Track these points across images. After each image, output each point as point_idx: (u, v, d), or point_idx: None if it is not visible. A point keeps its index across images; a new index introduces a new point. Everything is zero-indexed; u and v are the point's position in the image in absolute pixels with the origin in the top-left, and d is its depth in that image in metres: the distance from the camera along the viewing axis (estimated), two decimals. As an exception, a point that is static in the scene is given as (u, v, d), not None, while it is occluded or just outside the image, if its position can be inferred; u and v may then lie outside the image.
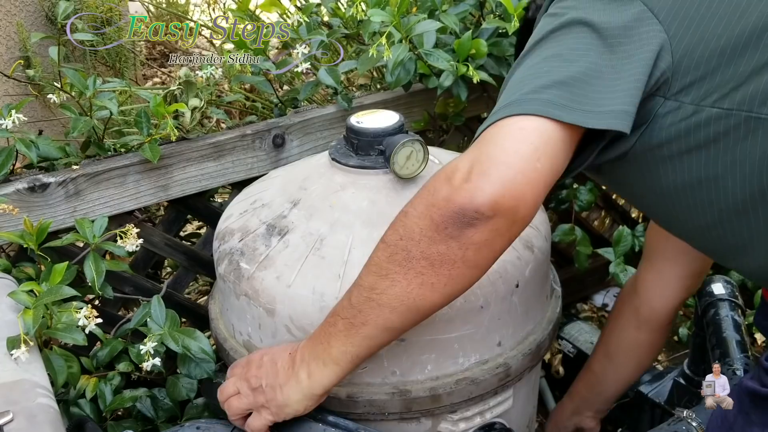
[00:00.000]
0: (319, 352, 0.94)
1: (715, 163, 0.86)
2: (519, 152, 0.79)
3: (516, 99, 0.82)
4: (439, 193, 0.81)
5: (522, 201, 0.79)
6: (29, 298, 0.99)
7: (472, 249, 0.81)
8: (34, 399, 0.88)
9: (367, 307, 0.88)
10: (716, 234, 0.93)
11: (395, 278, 0.85)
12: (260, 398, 1.00)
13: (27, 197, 1.25)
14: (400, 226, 0.86)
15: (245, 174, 1.46)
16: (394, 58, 1.30)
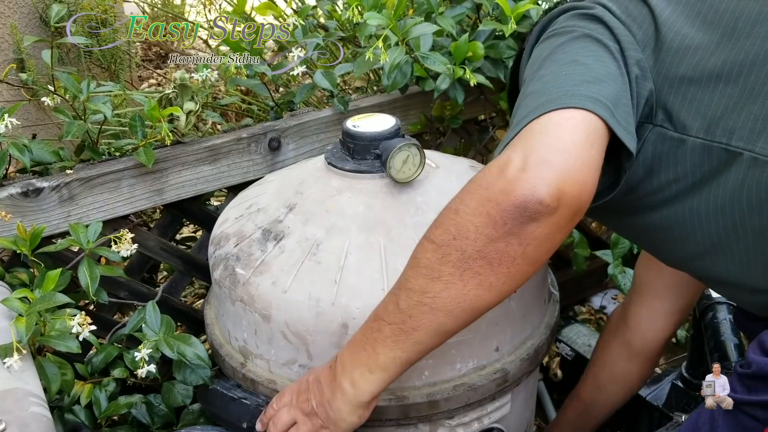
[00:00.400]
0: (363, 359, 0.90)
1: (693, 195, 0.88)
2: (573, 139, 0.76)
3: (555, 96, 0.80)
4: (494, 187, 0.75)
5: (584, 188, 0.76)
6: (22, 305, 0.98)
7: (533, 245, 0.76)
8: (27, 408, 0.87)
9: (419, 312, 0.83)
10: (700, 265, 0.95)
11: (450, 280, 0.80)
12: (316, 421, 0.96)
13: (20, 202, 1.23)
14: (452, 225, 0.79)
15: (241, 178, 1.45)
16: (390, 62, 1.29)
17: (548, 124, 0.78)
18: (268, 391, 1.11)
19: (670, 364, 1.91)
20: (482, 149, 1.72)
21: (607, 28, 0.90)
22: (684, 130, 0.87)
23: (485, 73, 1.44)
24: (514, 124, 0.84)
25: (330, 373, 0.94)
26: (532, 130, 0.78)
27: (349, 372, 0.91)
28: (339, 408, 0.93)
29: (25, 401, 0.88)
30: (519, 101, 0.88)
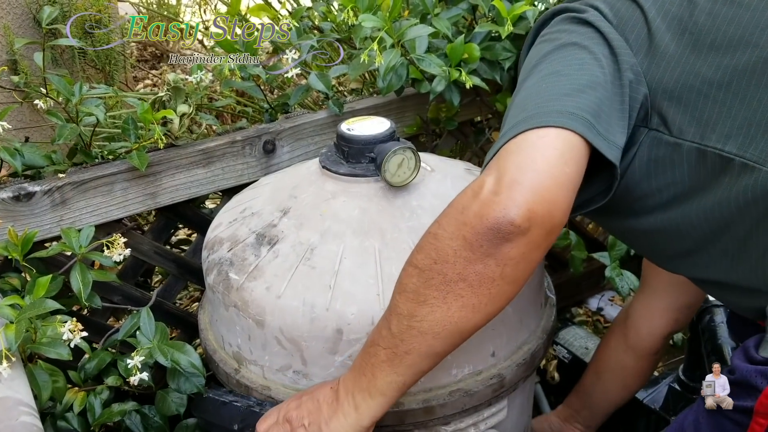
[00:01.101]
0: (364, 384, 0.91)
1: (687, 199, 0.89)
2: (546, 157, 0.77)
3: (531, 114, 0.81)
4: (468, 211, 0.78)
5: (555, 205, 0.77)
6: (12, 312, 0.97)
7: (510, 265, 0.78)
8: (17, 417, 0.85)
9: (409, 336, 0.85)
10: (689, 265, 0.95)
11: (434, 303, 0.82)
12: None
13: (12, 206, 1.22)
14: (432, 250, 0.82)
15: (235, 181, 1.43)
16: (386, 64, 1.28)
17: (522, 144, 0.79)
18: (262, 397, 1.10)
19: (667, 366, 1.91)
20: (478, 151, 1.71)
21: (598, 33, 0.90)
22: (680, 135, 0.87)
23: (481, 75, 1.43)
24: (498, 140, 0.86)
25: (332, 395, 0.95)
26: (508, 151, 0.80)
27: (352, 396, 0.92)
28: (337, 429, 0.93)
29: (15, 410, 0.86)
30: (507, 110, 0.90)
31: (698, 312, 1.44)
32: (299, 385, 1.07)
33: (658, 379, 1.56)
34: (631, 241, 1.14)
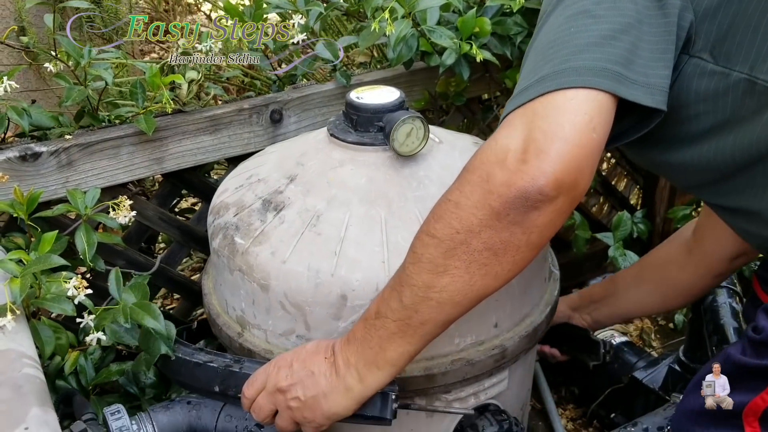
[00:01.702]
0: (370, 356, 0.89)
1: (723, 131, 0.85)
2: (575, 124, 0.75)
3: (558, 69, 0.78)
4: (495, 179, 0.76)
5: (582, 175, 0.76)
6: (17, 267, 0.97)
7: (536, 232, 0.77)
8: (20, 369, 0.86)
9: (426, 307, 0.83)
10: (715, 192, 0.93)
11: (455, 273, 0.80)
12: (306, 413, 0.94)
13: (18, 166, 1.22)
14: (454, 219, 0.79)
15: (242, 149, 1.43)
16: (396, 34, 1.27)
17: (549, 106, 0.76)
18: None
19: (666, 348, 1.91)
20: (485, 128, 1.71)
21: None
22: (727, 64, 0.83)
23: (491, 50, 1.43)
24: (518, 88, 0.81)
25: (328, 367, 0.92)
26: (534, 113, 0.77)
27: (355, 368, 0.90)
28: (337, 402, 0.92)
29: (18, 362, 0.87)
30: (528, 50, 0.85)
31: (701, 293, 1.44)
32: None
33: (658, 359, 1.56)
34: (655, 168, 1.09)
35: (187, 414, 1.09)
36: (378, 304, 0.89)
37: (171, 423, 1.08)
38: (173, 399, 1.13)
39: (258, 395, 0.97)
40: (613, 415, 1.59)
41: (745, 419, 0.82)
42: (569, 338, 1.51)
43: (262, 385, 0.96)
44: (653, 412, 1.18)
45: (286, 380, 0.94)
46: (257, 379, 0.98)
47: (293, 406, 0.93)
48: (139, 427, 1.05)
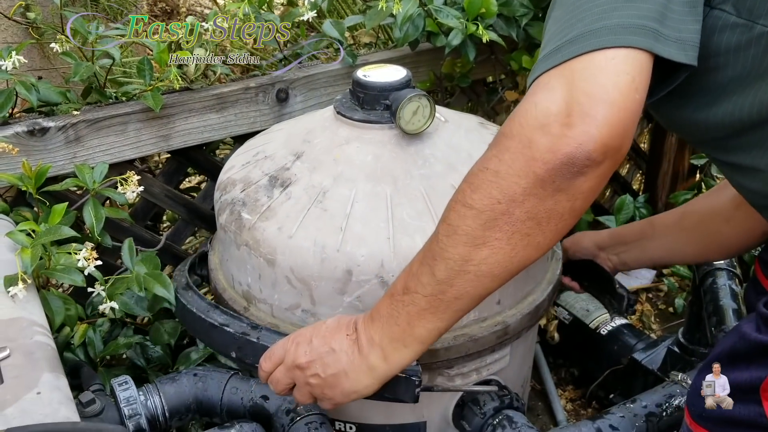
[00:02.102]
0: (396, 333, 0.85)
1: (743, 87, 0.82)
2: (618, 86, 0.72)
3: (594, 28, 0.74)
4: (538, 145, 0.72)
5: (627, 137, 0.74)
6: (27, 238, 0.98)
7: (580, 198, 0.75)
8: (31, 336, 0.87)
9: (462, 281, 0.80)
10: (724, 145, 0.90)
11: (496, 245, 0.77)
12: (326, 391, 0.91)
13: (26, 141, 1.23)
14: (494, 188, 0.75)
15: (248, 128, 1.44)
16: (403, 13, 1.28)
17: (590, 66, 0.73)
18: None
19: (666, 331, 1.93)
20: (490, 111, 1.72)
21: None
22: (750, 17, 0.80)
23: (497, 31, 1.43)
24: (547, 48, 0.78)
25: (350, 344, 0.89)
26: (573, 73, 0.74)
27: (380, 347, 0.87)
28: (359, 380, 0.89)
29: (29, 330, 0.88)
30: (551, 8, 0.82)
31: (701, 275, 1.46)
32: (307, 323, 1.09)
33: (657, 341, 1.58)
34: (668, 124, 1.05)
35: (193, 386, 1.11)
36: (406, 279, 0.85)
37: (178, 394, 1.09)
38: (180, 371, 1.14)
39: (275, 369, 0.95)
40: (612, 395, 1.61)
41: (762, 394, 0.82)
42: (594, 277, 1.44)
43: (280, 360, 0.94)
44: (652, 390, 1.19)
45: (305, 356, 0.91)
46: (275, 353, 0.95)
47: (312, 383, 0.91)
48: (146, 397, 1.07)
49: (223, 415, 1.11)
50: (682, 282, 2.03)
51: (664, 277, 2.05)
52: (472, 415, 1.13)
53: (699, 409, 0.88)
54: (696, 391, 0.89)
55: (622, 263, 1.41)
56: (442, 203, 1.07)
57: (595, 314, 1.70)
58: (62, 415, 0.78)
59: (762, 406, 0.81)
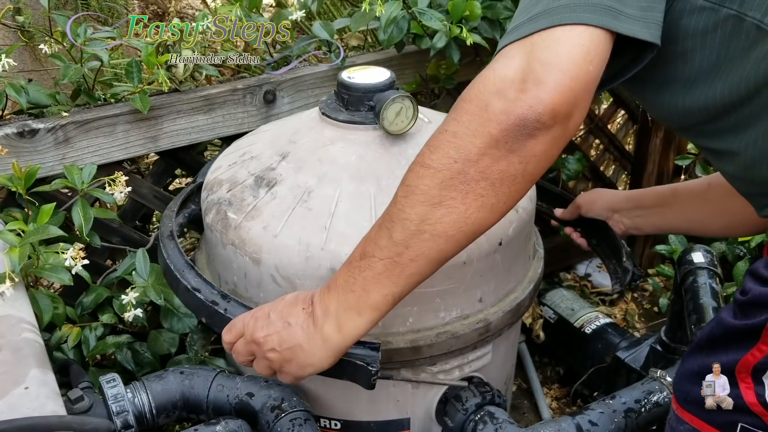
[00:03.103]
0: (351, 301, 0.86)
1: (712, 72, 0.85)
2: (572, 57, 0.76)
3: (553, 6, 0.78)
4: (494, 107, 0.77)
5: (577, 106, 0.78)
6: (15, 237, 1.00)
7: (533, 162, 0.78)
8: (20, 333, 0.89)
9: (418, 241, 0.81)
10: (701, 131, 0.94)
11: (451, 204, 0.79)
12: (284, 365, 0.93)
13: (16, 142, 1.25)
14: (451, 148, 0.79)
15: (235, 129, 1.46)
16: (387, 15, 1.30)
17: (548, 38, 0.77)
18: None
19: (649, 329, 1.96)
20: (475, 112, 1.73)
21: None
22: (716, 0, 0.82)
23: (481, 34, 1.45)
24: (513, 24, 0.82)
25: (304, 316, 0.90)
26: (532, 44, 0.78)
27: (334, 317, 0.87)
28: (313, 353, 0.89)
29: (17, 327, 0.90)
30: None
31: (682, 274, 1.48)
32: None
33: (640, 340, 1.60)
34: (650, 110, 1.09)
35: (180, 383, 1.12)
36: (364, 244, 0.86)
37: (165, 391, 1.11)
38: (167, 370, 1.15)
39: (236, 341, 0.96)
40: (596, 393, 1.63)
41: (738, 375, 0.85)
42: (604, 238, 1.43)
43: (240, 333, 0.95)
44: (631, 386, 1.21)
45: (262, 331, 0.92)
46: (235, 326, 0.96)
47: (270, 357, 0.92)
48: (134, 395, 1.08)
49: (210, 412, 1.13)
50: (666, 282, 2.06)
51: (649, 277, 2.08)
52: (454, 411, 1.15)
53: (684, 393, 0.91)
54: (682, 376, 0.92)
55: (636, 227, 1.39)
56: (425, 203, 1.10)
57: (580, 313, 1.73)
58: (49, 409, 0.80)
59: (738, 387, 0.84)
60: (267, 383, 1.14)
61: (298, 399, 1.12)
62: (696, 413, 0.89)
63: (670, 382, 1.19)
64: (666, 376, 1.21)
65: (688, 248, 1.53)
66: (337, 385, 1.15)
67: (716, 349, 0.88)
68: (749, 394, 0.84)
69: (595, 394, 1.63)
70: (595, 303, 2.00)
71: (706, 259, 1.48)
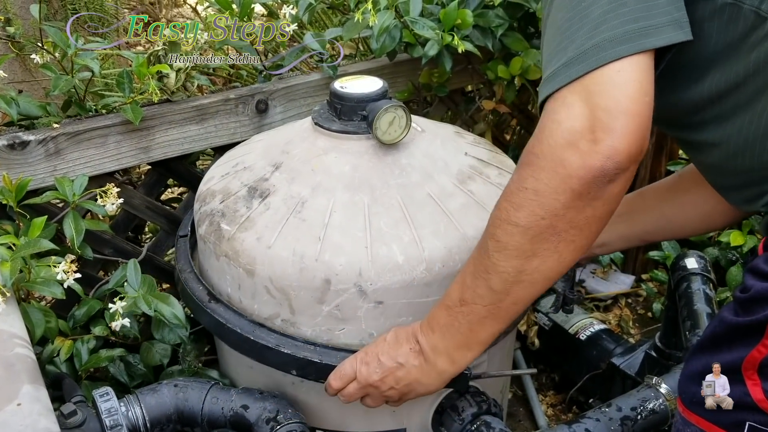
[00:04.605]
0: (461, 340, 0.96)
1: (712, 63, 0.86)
2: (630, 96, 0.79)
3: (602, 39, 0.79)
4: (570, 163, 0.80)
5: (646, 138, 0.81)
6: (7, 251, 0.99)
7: (614, 201, 0.83)
8: (12, 349, 0.88)
9: (518, 289, 0.89)
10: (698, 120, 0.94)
11: (545, 254, 0.86)
12: (401, 398, 1.03)
13: (6, 155, 1.24)
14: (536, 206, 0.83)
15: (228, 139, 1.45)
16: (379, 25, 1.30)
17: (599, 84, 0.79)
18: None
19: (644, 335, 1.96)
20: (468, 119, 1.74)
21: None
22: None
23: (473, 42, 1.45)
24: (553, 66, 0.82)
25: (416, 357, 0.99)
26: (587, 90, 0.80)
27: (445, 353, 0.97)
28: (430, 384, 1.00)
29: (9, 342, 0.89)
30: (546, 26, 0.86)
31: (676, 280, 1.48)
32: (287, 332, 1.10)
33: (635, 346, 1.60)
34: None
35: (174, 396, 1.11)
36: (461, 291, 0.94)
37: (158, 405, 1.10)
38: (161, 383, 1.15)
39: (346, 386, 1.05)
40: (592, 400, 1.63)
41: (744, 373, 0.85)
42: None
43: (350, 378, 1.04)
44: (627, 394, 1.21)
45: (376, 374, 1.01)
46: (345, 373, 1.04)
47: (389, 394, 1.03)
48: (127, 408, 1.08)
49: (204, 425, 1.12)
50: (660, 287, 2.06)
51: (643, 283, 2.08)
52: (450, 421, 1.15)
53: (690, 395, 0.91)
54: (687, 378, 0.93)
55: (599, 245, 1.36)
56: (419, 212, 1.10)
57: (575, 319, 1.73)
58: (42, 426, 0.79)
59: (745, 385, 0.85)
60: (262, 395, 1.13)
61: (294, 411, 1.11)
62: (703, 414, 0.90)
63: (666, 389, 1.19)
64: (662, 383, 1.21)
65: (682, 254, 1.53)
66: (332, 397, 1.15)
67: (720, 348, 0.89)
68: (756, 391, 0.84)
69: (590, 401, 1.63)
70: (589, 309, 2.00)
71: (700, 264, 1.48)
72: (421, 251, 1.06)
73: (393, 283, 1.05)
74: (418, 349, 0.99)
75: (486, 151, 1.29)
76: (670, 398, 1.19)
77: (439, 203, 1.12)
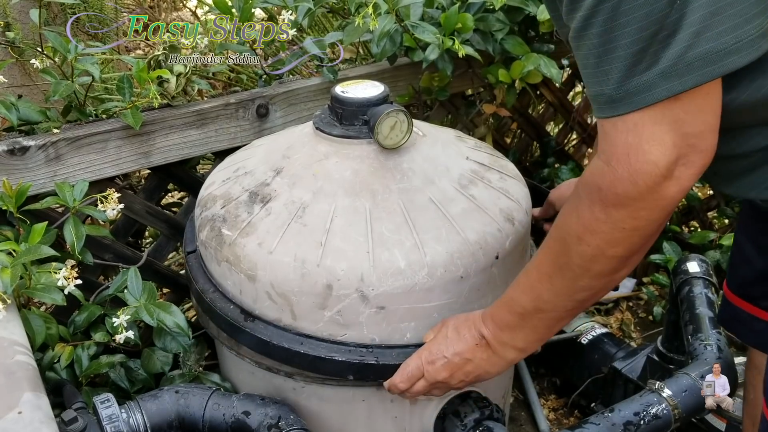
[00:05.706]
0: (537, 338, 1.02)
1: None
2: (707, 122, 0.79)
3: (669, 68, 0.75)
4: (671, 194, 0.82)
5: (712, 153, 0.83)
6: (7, 258, 0.98)
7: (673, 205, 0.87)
8: (12, 356, 0.87)
9: (603, 292, 0.96)
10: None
11: (632, 265, 0.91)
12: (470, 386, 1.12)
13: (6, 160, 1.23)
14: (636, 239, 0.86)
15: (228, 143, 1.45)
16: (380, 29, 1.30)
17: (694, 111, 0.78)
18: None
19: (645, 339, 1.95)
20: (469, 123, 1.74)
21: None
22: None
23: (474, 46, 1.45)
24: (621, 80, 0.78)
25: (485, 350, 1.04)
26: (679, 120, 0.78)
27: (512, 344, 1.03)
28: (499, 371, 1.06)
29: (10, 350, 0.88)
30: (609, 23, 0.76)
31: (678, 284, 1.48)
32: (335, 340, 1.09)
33: (636, 350, 1.60)
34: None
35: (175, 402, 1.11)
36: (534, 302, 0.98)
37: (159, 411, 1.10)
38: (162, 388, 1.14)
39: (413, 384, 1.07)
40: (594, 404, 1.63)
41: None
42: None
43: (417, 377, 1.07)
44: (630, 399, 1.20)
45: (444, 371, 1.05)
46: (412, 374, 1.07)
47: (459, 386, 1.08)
48: (128, 415, 1.07)
49: None
50: (661, 291, 2.06)
51: (644, 286, 2.07)
52: (452, 427, 1.14)
53: None
54: None
55: None
56: (421, 216, 1.10)
57: (576, 323, 1.73)
58: (43, 434, 0.79)
59: None
60: (263, 401, 1.13)
61: (295, 417, 1.11)
62: None
63: (668, 394, 1.18)
64: (664, 387, 1.20)
65: (683, 258, 1.53)
66: (334, 402, 1.15)
67: None
68: None
69: (592, 405, 1.62)
70: (590, 312, 2.00)
71: (701, 268, 1.48)
72: (423, 256, 1.06)
73: (395, 288, 1.05)
74: (485, 344, 1.03)
75: (487, 155, 1.28)
76: (673, 403, 1.18)
77: (440, 208, 1.12)
